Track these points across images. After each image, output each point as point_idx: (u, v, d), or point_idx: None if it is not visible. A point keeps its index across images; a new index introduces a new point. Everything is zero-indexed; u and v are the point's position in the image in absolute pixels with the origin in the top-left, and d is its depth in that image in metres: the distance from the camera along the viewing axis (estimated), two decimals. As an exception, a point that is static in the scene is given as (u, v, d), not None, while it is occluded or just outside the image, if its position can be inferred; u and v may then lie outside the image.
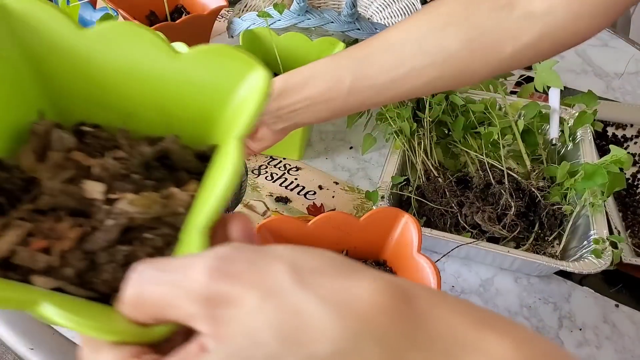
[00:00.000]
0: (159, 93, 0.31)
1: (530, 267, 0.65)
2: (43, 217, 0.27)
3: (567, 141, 0.78)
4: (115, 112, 0.32)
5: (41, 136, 0.30)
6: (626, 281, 0.67)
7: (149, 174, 0.30)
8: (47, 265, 0.25)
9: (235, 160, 0.24)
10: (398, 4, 0.99)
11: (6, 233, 0.25)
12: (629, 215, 0.74)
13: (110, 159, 0.30)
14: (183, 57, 0.30)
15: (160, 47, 0.30)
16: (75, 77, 0.31)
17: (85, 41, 0.30)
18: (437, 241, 0.63)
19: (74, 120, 0.32)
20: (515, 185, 0.71)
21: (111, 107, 0.32)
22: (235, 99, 0.30)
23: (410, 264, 0.51)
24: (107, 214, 0.27)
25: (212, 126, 0.31)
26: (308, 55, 0.80)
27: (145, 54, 0.30)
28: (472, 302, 0.23)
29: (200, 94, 0.31)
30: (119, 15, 0.79)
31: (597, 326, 0.62)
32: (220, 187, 0.24)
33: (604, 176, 0.63)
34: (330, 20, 0.77)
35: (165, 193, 0.29)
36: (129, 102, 0.32)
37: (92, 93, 0.32)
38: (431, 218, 0.69)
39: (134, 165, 0.30)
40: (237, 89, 0.29)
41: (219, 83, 0.30)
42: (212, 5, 0.93)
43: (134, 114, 0.32)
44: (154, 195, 0.28)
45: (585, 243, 0.63)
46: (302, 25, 0.78)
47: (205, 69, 0.30)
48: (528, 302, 0.63)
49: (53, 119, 0.32)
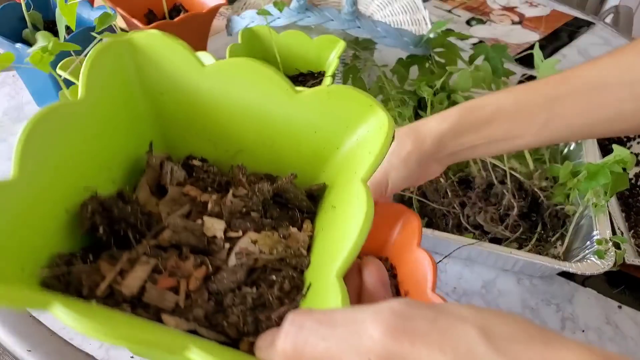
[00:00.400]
0: (273, 130, 0.31)
1: (532, 268, 0.64)
2: (165, 253, 0.27)
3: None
4: (225, 147, 0.32)
5: (155, 169, 0.30)
6: (629, 282, 0.66)
7: (265, 212, 0.30)
8: (175, 305, 0.24)
9: (367, 205, 0.24)
10: (399, 2, 0.98)
11: (135, 269, 0.25)
12: (632, 216, 0.73)
13: (231, 196, 0.29)
14: (302, 95, 0.30)
15: (280, 85, 0.29)
16: (190, 112, 0.31)
17: (206, 77, 0.30)
18: (439, 242, 0.63)
19: (181, 153, 0.32)
20: (518, 185, 0.70)
21: (223, 142, 0.32)
22: (352, 140, 0.29)
23: (409, 258, 0.51)
24: (229, 252, 0.27)
25: (322, 165, 0.31)
26: (308, 54, 0.79)
27: (264, 91, 0.30)
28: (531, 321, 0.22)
29: (314, 133, 0.31)
30: (117, 13, 0.79)
31: (600, 328, 0.61)
32: (355, 233, 0.23)
33: (607, 176, 0.63)
34: (330, 18, 0.76)
35: (284, 232, 0.28)
36: (242, 138, 0.32)
37: (205, 128, 0.32)
38: (433, 219, 0.68)
39: (254, 204, 0.29)
40: (356, 130, 0.29)
41: (336, 123, 0.30)
42: (210, 3, 0.92)
43: (244, 151, 0.32)
44: (276, 235, 0.28)
45: (588, 244, 0.62)
46: (302, 24, 0.77)
47: (324, 109, 0.30)
48: (530, 304, 0.63)
49: (164, 150, 0.32)
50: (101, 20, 0.55)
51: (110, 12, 0.58)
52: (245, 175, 0.32)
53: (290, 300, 0.26)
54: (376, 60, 0.92)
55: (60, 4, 0.54)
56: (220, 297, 0.25)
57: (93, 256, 0.26)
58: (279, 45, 0.78)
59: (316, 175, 0.32)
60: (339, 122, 0.30)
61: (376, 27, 0.77)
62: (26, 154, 0.24)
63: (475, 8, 1.31)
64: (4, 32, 0.76)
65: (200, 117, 0.32)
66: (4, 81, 0.93)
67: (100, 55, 0.28)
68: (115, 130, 0.30)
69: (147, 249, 0.27)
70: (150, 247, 0.27)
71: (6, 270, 0.22)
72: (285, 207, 0.31)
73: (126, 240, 0.27)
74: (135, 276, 0.25)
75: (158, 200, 0.30)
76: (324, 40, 0.78)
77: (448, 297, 0.63)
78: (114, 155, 0.30)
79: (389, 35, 0.77)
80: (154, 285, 0.25)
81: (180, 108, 0.31)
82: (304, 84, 0.78)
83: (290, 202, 0.31)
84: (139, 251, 0.26)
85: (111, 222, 0.27)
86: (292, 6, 0.77)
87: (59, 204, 0.26)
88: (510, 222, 0.66)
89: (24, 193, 0.24)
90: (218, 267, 0.27)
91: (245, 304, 0.25)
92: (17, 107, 0.88)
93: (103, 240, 0.27)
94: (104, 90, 0.29)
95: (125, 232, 0.27)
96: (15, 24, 0.81)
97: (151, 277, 0.25)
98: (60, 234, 0.26)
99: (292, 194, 0.31)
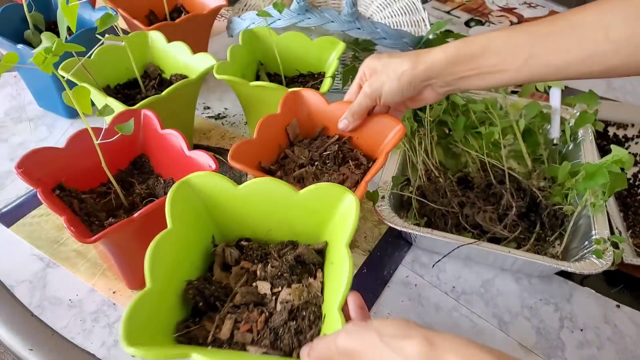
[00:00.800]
0: (287, 215, 0.49)
1: (531, 268, 0.64)
2: (239, 310, 0.44)
3: (568, 141, 0.78)
4: (260, 229, 0.51)
5: (220, 254, 0.49)
6: (627, 282, 0.66)
7: (292, 272, 0.46)
8: (252, 338, 0.42)
9: (349, 263, 0.41)
10: (398, 3, 0.99)
11: (225, 323, 0.43)
12: (630, 216, 0.74)
13: (269, 267, 0.47)
14: (301, 193, 0.48)
15: (286, 190, 0.48)
16: (233, 212, 0.49)
17: (240, 192, 0.48)
18: (438, 242, 0.63)
19: (233, 237, 0.51)
20: (517, 185, 0.70)
21: (257, 227, 0.51)
22: (337, 214, 0.47)
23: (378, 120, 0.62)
24: (275, 302, 0.44)
25: (322, 231, 0.49)
26: (308, 55, 0.80)
27: (278, 194, 0.48)
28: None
29: (313, 213, 0.48)
30: (118, 14, 0.79)
31: (598, 327, 0.61)
32: (345, 281, 0.40)
33: (605, 176, 0.63)
34: (330, 20, 0.77)
35: (306, 283, 0.46)
36: (269, 223, 0.50)
37: (245, 220, 0.50)
38: (432, 218, 0.69)
39: (284, 269, 0.46)
40: (338, 208, 0.47)
41: (325, 206, 0.47)
42: (211, 4, 0.93)
43: (272, 230, 0.51)
44: (301, 287, 0.45)
45: (586, 243, 0.62)
46: (302, 25, 0.77)
47: (315, 198, 0.48)
48: (529, 303, 0.63)
49: (222, 239, 0.51)
50: (102, 21, 0.56)
51: (112, 13, 0.58)
52: (275, 250, 0.49)
53: (315, 326, 0.42)
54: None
55: (62, 5, 0.54)
56: (276, 330, 0.42)
57: (199, 317, 0.44)
58: (279, 46, 0.78)
59: (319, 236, 0.50)
60: (326, 205, 0.47)
61: (376, 28, 0.77)
62: (152, 266, 0.41)
63: (474, 9, 1.32)
64: (5, 33, 0.76)
65: (240, 215, 0.50)
66: (5, 81, 0.94)
67: (174, 195, 0.46)
68: (192, 236, 0.47)
69: (229, 309, 0.44)
70: (229, 307, 0.44)
71: (157, 338, 0.39)
72: (304, 264, 0.48)
73: (215, 306, 0.45)
74: (226, 327, 0.42)
75: (227, 274, 0.48)
76: (324, 42, 0.78)
77: (447, 296, 0.63)
78: (194, 251, 0.48)
79: (388, 37, 0.77)
80: (238, 331, 0.42)
81: (227, 211, 0.49)
82: (304, 85, 0.79)
83: (306, 261, 0.48)
84: (224, 312, 0.44)
85: (204, 297, 0.44)
86: (293, 8, 0.77)
87: (172, 292, 0.43)
88: (509, 221, 0.66)
89: (155, 292, 0.41)
90: (271, 312, 0.43)
91: (291, 332, 0.41)
92: (18, 107, 0.88)
93: (202, 309, 0.44)
94: (182, 215, 0.46)
95: (214, 302, 0.45)
96: (16, 25, 0.81)
97: (235, 326, 0.43)
98: (176, 310, 0.43)
99: (307, 256, 0.48)
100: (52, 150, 0.57)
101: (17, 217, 0.69)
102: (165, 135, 0.61)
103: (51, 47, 0.42)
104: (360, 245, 0.69)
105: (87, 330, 0.57)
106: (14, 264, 0.64)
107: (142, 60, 0.78)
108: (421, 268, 0.67)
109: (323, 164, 0.63)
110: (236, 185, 0.48)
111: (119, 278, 0.61)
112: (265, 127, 0.62)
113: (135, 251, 0.56)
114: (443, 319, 0.61)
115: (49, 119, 0.86)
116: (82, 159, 0.58)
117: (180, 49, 0.76)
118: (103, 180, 0.61)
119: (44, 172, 0.55)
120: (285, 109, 0.64)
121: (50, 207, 0.51)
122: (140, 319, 0.38)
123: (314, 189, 0.47)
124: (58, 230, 0.68)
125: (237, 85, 0.71)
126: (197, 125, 0.86)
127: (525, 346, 0.59)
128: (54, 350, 0.55)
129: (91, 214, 0.56)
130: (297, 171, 0.61)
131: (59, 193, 0.56)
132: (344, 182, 0.60)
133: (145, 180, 0.62)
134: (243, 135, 0.86)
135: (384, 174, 0.68)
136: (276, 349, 0.41)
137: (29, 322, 0.57)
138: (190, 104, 0.77)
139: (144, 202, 0.59)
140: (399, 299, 0.63)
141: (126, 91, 0.75)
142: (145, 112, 0.62)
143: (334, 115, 0.65)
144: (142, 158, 0.65)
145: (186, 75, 0.75)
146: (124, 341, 0.35)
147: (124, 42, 0.70)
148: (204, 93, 0.93)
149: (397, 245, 0.69)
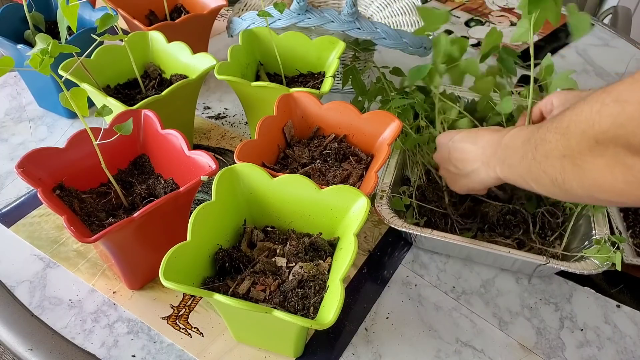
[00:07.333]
0: (308, 209, 0.57)
1: (531, 268, 0.64)
2: (258, 275, 0.53)
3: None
4: (284, 220, 0.59)
5: (248, 233, 0.58)
6: (627, 281, 0.66)
7: (306, 253, 0.55)
8: (264, 297, 0.51)
9: (355, 247, 0.49)
10: (398, 4, 0.99)
11: (244, 282, 0.52)
12: (630, 216, 0.74)
13: (288, 246, 0.56)
14: (323, 190, 0.55)
15: (312, 186, 0.55)
16: (265, 201, 0.58)
17: (273, 183, 0.56)
18: (438, 242, 0.63)
19: (262, 223, 0.60)
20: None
21: (282, 217, 0.59)
22: (351, 212, 0.55)
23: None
24: (289, 274, 0.53)
25: (336, 227, 0.57)
26: (308, 55, 0.80)
27: (303, 189, 0.56)
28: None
29: (330, 210, 0.56)
30: (118, 15, 0.79)
31: (598, 327, 0.61)
32: (349, 258, 0.48)
33: (605, 176, 0.63)
34: (330, 20, 0.77)
35: (316, 263, 0.54)
36: (292, 215, 0.58)
37: (273, 210, 0.59)
38: (432, 218, 0.69)
39: (300, 250, 0.55)
40: (352, 206, 0.55)
41: (341, 204, 0.55)
42: (211, 4, 0.93)
43: (294, 222, 0.59)
44: (312, 265, 0.53)
45: (586, 243, 0.62)
46: (302, 25, 0.77)
47: (335, 196, 0.55)
48: (529, 303, 0.63)
49: (252, 223, 0.59)
50: (102, 21, 0.56)
51: (112, 13, 0.58)
52: (294, 234, 0.57)
53: (318, 294, 0.50)
54: (376, 61, 0.92)
55: (62, 5, 0.54)
56: (286, 294, 0.51)
57: (223, 277, 0.53)
58: (280, 46, 0.78)
59: (334, 231, 0.57)
60: (343, 203, 0.55)
61: (376, 28, 0.77)
62: (194, 223, 0.50)
63: (474, 9, 1.32)
64: (5, 33, 0.76)
65: (270, 204, 0.58)
66: (5, 82, 0.94)
67: (221, 176, 0.54)
68: (229, 214, 0.56)
69: (249, 273, 0.53)
70: (249, 272, 0.53)
71: (187, 282, 0.48)
72: (317, 251, 0.56)
73: (238, 269, 0.54)
74: (244, 285, 0.52)
75: (251, 250, 0.56)
76: (324, 41, 0.78)
77: (447, 296, 0.63)
78: (228, 227, 0.56)
79: (388, 37, 0.77)
80: (255, 289, 0.51)
81: (260, 200, 0.58)
82: (304, 85, 0.79)
83: (319, 248, 0.56)
84: (245, 274, 0.53)
85: (231, 261, 0.54)
86: (293, 8, 0.77)
87: (206, 252, 0.53)
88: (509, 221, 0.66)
89: (192, 245, 0.49)
90: (284, 280, 0.52)
91: (298, 296, 0.50)
92: (18, 107, 0.88)
93: (227, 269, 0.54)
94: (224, 194, 0.55)
95: (238, 265, 0.54)
96: (17, 25, 0.81)
97: (252, 285, 0.52)
98: (206, 267, 0.53)
99: (320, 243, 0.55)
100: (53, 150, 0.57)
101: (17, 217, 0.69)
102: (166, 135, 0.61)
103: (47, 48, 0.42)
104: (360, 245, 0.69)
105: (87, 330, 0.57)
106: (14, 264, 0.64)
107: (142, 60, 0.78)
108: (421, 268, 0.67)
109: (324, 161, 0.63)
110: (271, 178, 0.56)
111: (119, 278, 0.61)
112: (265, 128, 0.63)
113: (135, 251, 0.56)
114: (443, 319, 0.61)
115: (49, 119, 0.86)
116: (83, 159, 0.58)
117: (181, 49, 0.76)
118: (103, 180, 0.61)
119: (44, 172, 0.55)
120: (279, 111, 0.65)
121: (50, 207, 0.51)
122: (177, 263, 0.47)
123: (334, 188, 0.55)
124: (58, 230, 0.68)
125: (238, 86, 0.71)
126: (197, 125, 0.86)
127: (525, 346, 0.59)
128: (54, 350, 0.55)
129: (91, 214, 0.56)
130: (301, 170, 0.62)
131: (59, 193, 0.56)
132: (348, 176, 0.62)
133: (146, 180, 0.62)
134: (243, 135, 0.86)
135: (384, 174, 0.68)
136: (284, 308, 0.49)
137: (29, 322, 0.57)
138: (191, 104, 0.77)
139: (144, 202, 0.59)
140: (399, 299, 0.63)
141: (126, 91, 0.75)
142: (146, 112, 0.62)
143: (327, 116, 0.66)
144: (143, 158, 0.65)
145: (186, 75, 0.75)
146: (162, 275, 0.44)
147: (124, 42, 0.70)
148: (204, 93, 0.93)
149: (397, 245, 0.69)
